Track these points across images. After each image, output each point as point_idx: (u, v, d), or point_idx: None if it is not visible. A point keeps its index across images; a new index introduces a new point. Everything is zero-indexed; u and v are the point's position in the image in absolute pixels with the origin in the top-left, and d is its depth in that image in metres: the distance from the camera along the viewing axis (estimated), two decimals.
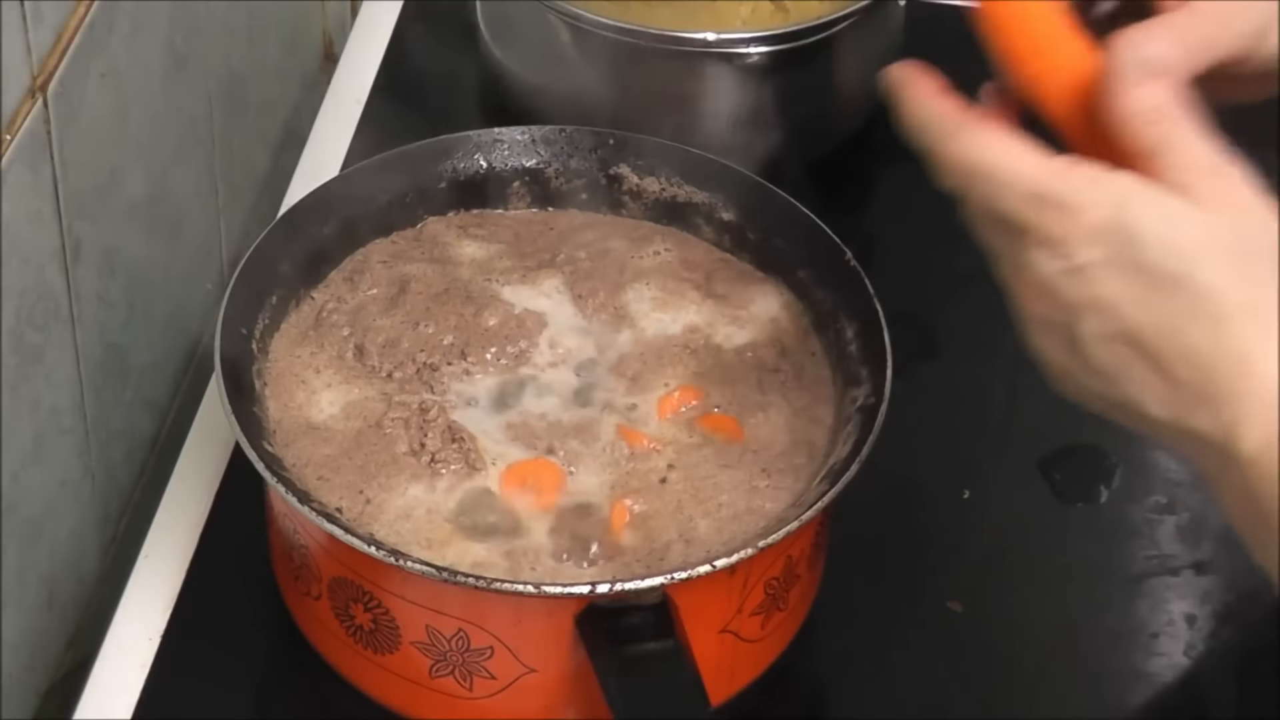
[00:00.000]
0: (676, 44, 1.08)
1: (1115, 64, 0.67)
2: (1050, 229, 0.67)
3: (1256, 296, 0.65)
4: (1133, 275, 0.66)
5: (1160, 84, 0.67)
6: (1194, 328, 0.65)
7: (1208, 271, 0.65)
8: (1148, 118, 0.67)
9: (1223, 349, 0.65)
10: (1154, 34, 0.68)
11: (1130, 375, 0.67)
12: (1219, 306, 0.65)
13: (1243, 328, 0.65)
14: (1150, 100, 0.67)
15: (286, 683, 0.89)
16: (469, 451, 0.84)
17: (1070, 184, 0.67)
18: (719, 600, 0.81)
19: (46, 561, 0.92)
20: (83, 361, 0.93)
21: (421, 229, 0.96)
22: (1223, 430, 0.65)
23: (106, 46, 0.91)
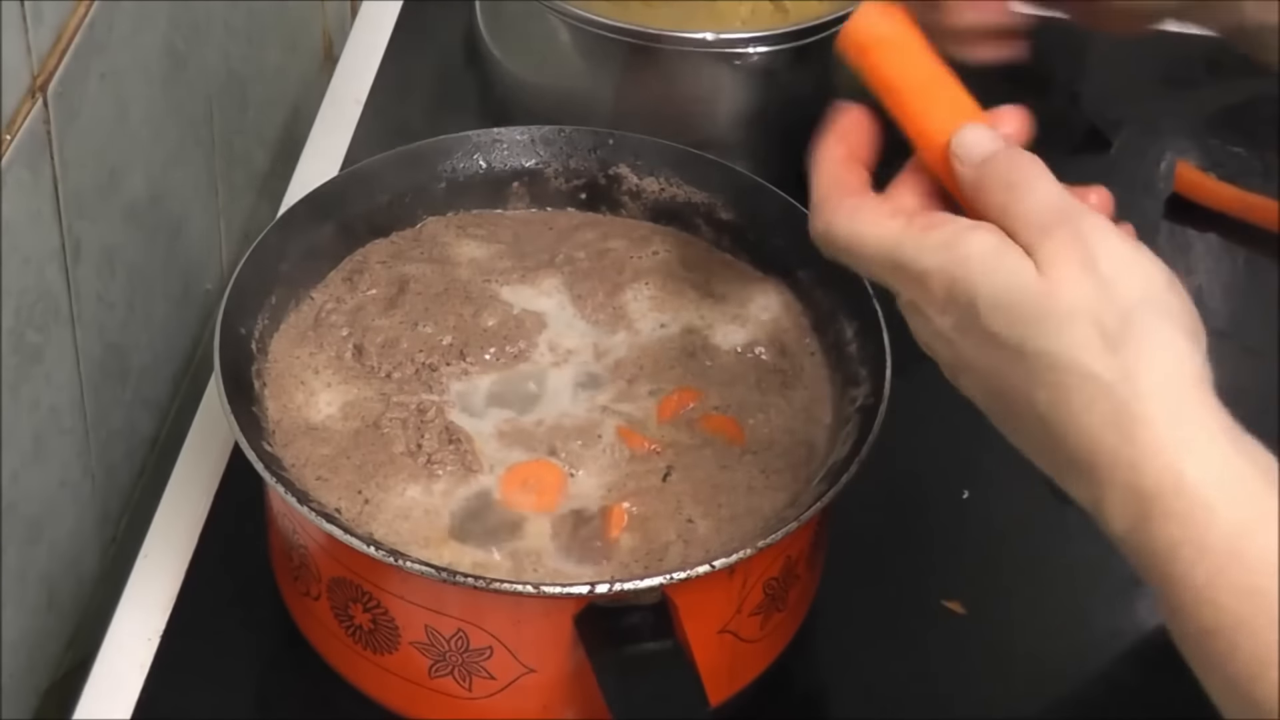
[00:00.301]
0: (676, 44, 1.08)
1: (955, 159, 0.69)
2: (910, 296, 0.68)
3: (1100, 360, 0.63)
4: (981, 342, 0.66)
5: (995, 157, 0.68)
6: (1042, 397, 0.65)
7: (1044, 338, 0.64)
8: (990, 194, 0.68)
9: (1072, 422, 0.64)
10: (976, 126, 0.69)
11: (1010, 428, 0.68)
12: (1062, 376, 0.64)
13: (1090, 399, 0.63)
14: (988, 180, 0.68)
15: (286, 683, 0.89)
16: (466, 453, 0.84)
17: (920, 252, 0.68)
18: (718, 600, 0.81)
19: (46, 561, 0.92)
20: (82, 361, 0.93)
21: (421, 229, 0.96)
22: (1092, 503, 0.65)
23: (106, 46, 0.91)
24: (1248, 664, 0.60)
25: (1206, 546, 0.61)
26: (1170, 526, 0.62)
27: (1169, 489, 0.62)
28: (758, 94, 1.10)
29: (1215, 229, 1.14)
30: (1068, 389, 0.64)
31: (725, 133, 1.11)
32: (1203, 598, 0.61)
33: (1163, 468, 0.62)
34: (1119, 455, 0.63)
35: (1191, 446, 0.62)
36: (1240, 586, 0.60)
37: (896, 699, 0.89)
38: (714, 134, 1.11)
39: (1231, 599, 0.60)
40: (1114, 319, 0.64)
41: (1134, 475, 0.62)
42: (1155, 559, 0.62)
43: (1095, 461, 0.63)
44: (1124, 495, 0.63)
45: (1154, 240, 1.12)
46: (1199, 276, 1.11)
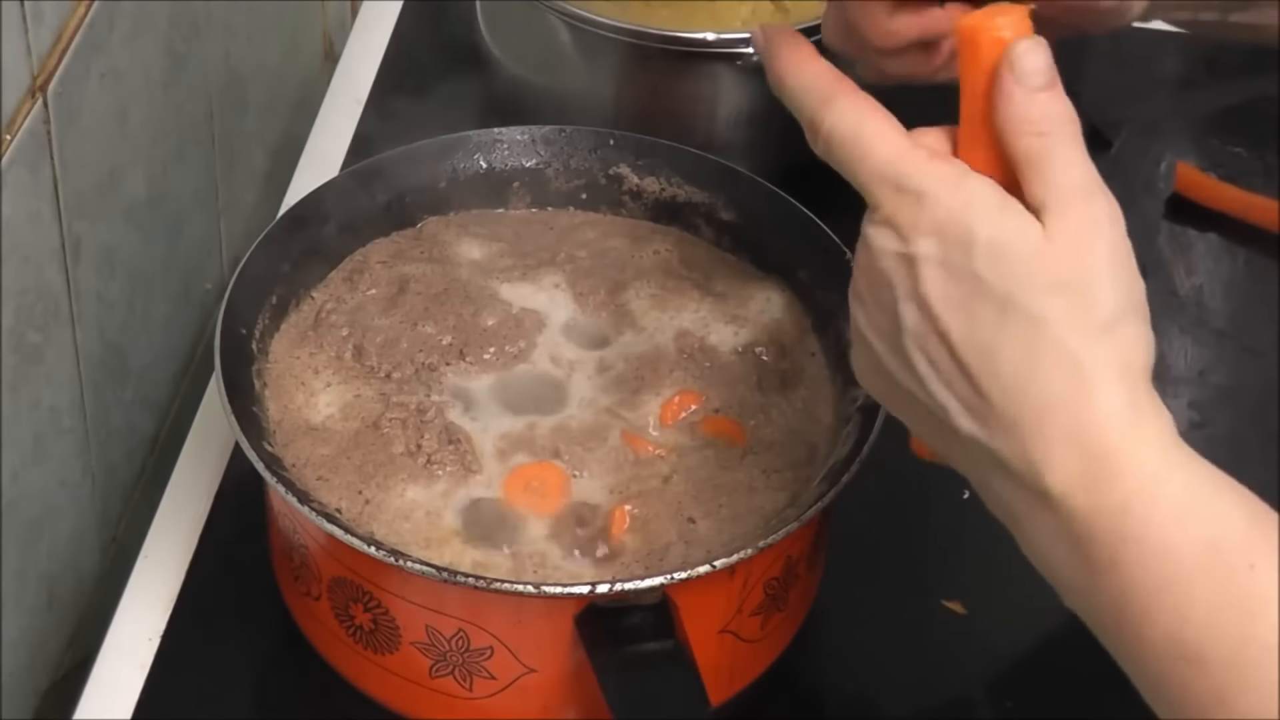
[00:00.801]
0: (676, 44, 1.08)
1: (1008, 69, 0.66)
2: (895, 212, 0.66)
3: (1078, 339, 0.64)
4: (959, 280, 0.65)
5: (1049, 96, 0.66)
6: (1008, 351, 0.64)
7: (1032, 299, 0.64)
8: (1029, 128, 0.66)
9: (1034, 383, 0.64)
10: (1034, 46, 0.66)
11: (941, 378, 0.66)
12: (1036, 338, 0.64)
13: (1055, 365, 0.64)
14: (1036, 111, 0.66)
15: (286, 683, 0.89)
16: (465, 454, 0.84)
17: (925, 174, 0.66)
18: (719, 600, 0.81)
19: (46, 561, 0.92)
20: (82, 361, 0.93)
21: (421, 229, 0.96)
22: (1028, 464, 0.64)
23: (106, 46, 0.91)
24: (1203, 614, 0.61)
25: (1159, 501, 0.62)
26: (1123, 483, 0.62)
27: (1122, 451, 0.63)
28: (758, 94, 1.10)
29: (1215, 229, 1.14)
30: (1038, 352, 0.64)
31: (725, 133, 1.11)
32: (1156, 549, 0.62)
33: (1120, 435, 0.63)
34: (1076, 419, 0.63)
35: (1144, 419, 0.64)
36: (1195, 538, 0.62)
37: (896, 699, 0.89)
38: (714, 134, 1.11)
39: (1186, 550, 0.61)
40: (1103, 305, 0.64)
41: (1087, 438, 0.63)
42: (1100, 516, 0.63)
43: (1047, 420, 0.64)
44: (1073, 458, 0.63)
45: (1154, 240, 1.13)
46: (1199, 276, 1.11)
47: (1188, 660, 0.61)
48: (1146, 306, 0.66)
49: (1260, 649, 0.60)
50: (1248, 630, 0.60)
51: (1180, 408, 1.03)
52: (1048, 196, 0.65)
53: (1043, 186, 0.65)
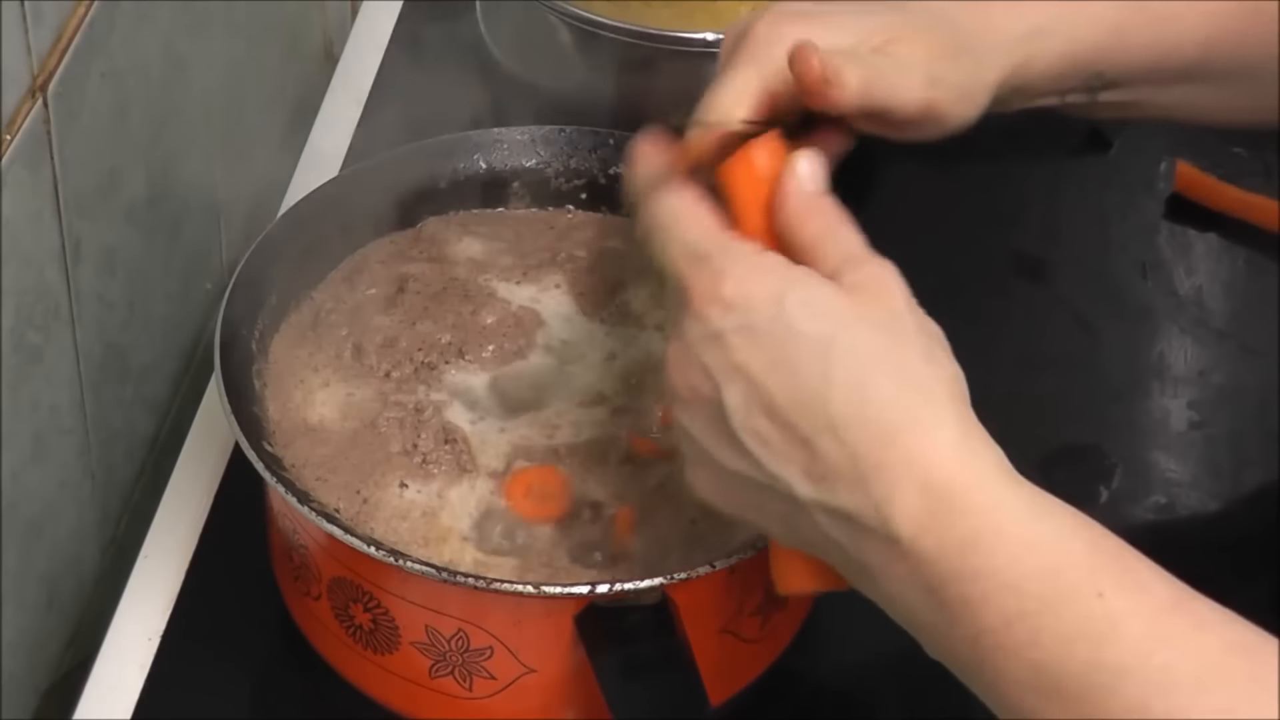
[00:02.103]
0: (676, 44, 1.08)
1: (792, 176, 0.70)
2: (698, 289, 0.68)
3: (902, 370, 0.65)
4: (774, 340, 0.66)
5: (822, 196, 0.70)
6: (837, 395, 0.65)
7: (852, 337, 0.65)
8: (813, 217, 0.69)
9: (866, 419, 0.65)
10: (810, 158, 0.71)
11: (773, 450, 0.67)
12: (863, 375, 0.65)
13: (887, 397, 0.65)
14: (816, 204, 0.70)
15: (286, 683, 0.89)
16: (462, 454, 0.84)
17: (727, 250, 0.69)
18: (719, 600, 0.81)
19: (46, 561, 0.92)
20: (83, 361, 0.93)
21: (421, 229, 0.96)
22: (873, 509, 0.64)
23: (106, 46, 0.91)
24: (1054, 643, 0.62)
25: (1003, 534, 0.63)
26: (969, 519, 0.63)
27: (962, 484, 0.64)
28: None
29: (1215, 229, 1.14)
30: (866, 388, 0.65)
31: None
32: (1004, 584, 0.63)
33: (957, 466, 0.64)
34: (912, 453, 0.64)
35: (978, 451, 0.65)
36: (1040, 569, 0.62)
37: (896, 699, 0.89)
38: None
39: (1033, 582, 0.62)
40: (919, 344, 0.66)
41: (926, 472, 0.64)
42: (946, 554, 0.63)
43: (885, 460, 0.64)
44: (916, 493, 0.64)
45: (1154, 240, 1.13)
46: (1199, 276, 1.11)
47: (1045, 692, 0.62)
48: (949, 347, 0.68)
49: (1110, 674, 0.61)
50: (1096, 656, 0.61)
51: (1180, 408, 1.03)
52: (840, 263, 0.68)
53: (835, 254, 0.68)
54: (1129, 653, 0.61)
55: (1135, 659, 0.61)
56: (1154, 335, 1.07)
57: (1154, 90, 0.84)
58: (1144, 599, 0.62)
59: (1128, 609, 0.62)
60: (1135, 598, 0.62)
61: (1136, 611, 0.62)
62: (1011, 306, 1.09)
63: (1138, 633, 0.61)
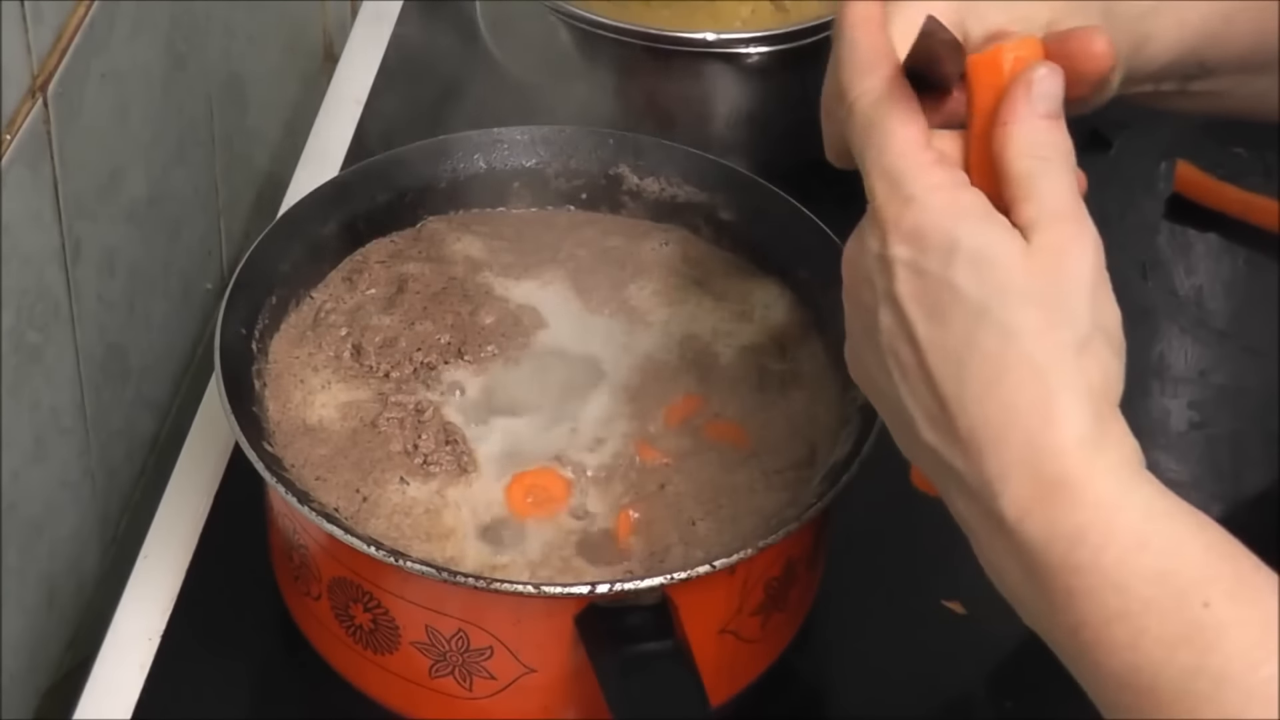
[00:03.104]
0: (676, 44, 1.08)
1: (1025, 89, 0.67)
2: (884, 209, 0.66)
3: (1048, 354, 0.64)
4: (935, 286, 0.65)
5: (1055, 124, 0.67)
6: (976, 362, 0.64)
7: (1008, 309, 0.64)
8: (1032, 150, 0.66)
9: (997, 398, 0.64)
10: (1051, 73, 0.67)
11: (908, 385, 0.66)
12: (1005, 349, 0.64)
13: (1021, 380, 0.63)
14: (1041, 135, 0.66)
15: (286, 683, 0.89)
16: (462, 454, 0.84)
17: (921, 179, 0.66)
18: (719, 600, 0.81)
19: (46, 561, 0.92)
20: (83, 361, 0.93)
21: (421, 228, 0.96)
22: (983, 483, 0.64)
23: (106, 46, 0.91)
24: (1155, 647, 0.61)
25: (1114, 531, 0.62)
26: (1078, 512, 0.62)
27: (1079, 478, 0.63)
28: (758, 94, 1.10)
29: (1215, 229, 1.14)
30: (1006, 365, 0.64)
31: (725, 133, 1.11)
32: (1109, 582, 0.62)
33: (1077, 460, 0.63)
34: (1034, 440, 0.63)
35: (1106, 447, 0.64)
36: (1148, 570, 0.61)
37: (896, 699, 0.89)
38: (714, 134, 1.11)
39: (1140, 582, 0.61)
40: (1079, 327, 0.64)
41: (1044, 461, 0.63)
42: (1054, 544, 0.62)
43: (1005, 439, 0.63)
44: (1028, 480, 0.63)
45: (1154, 240, 1.13)
46: (1199, 276, 1.11)
47: (1140, 691, 0.62)
48: (1123, 342, 0.66)
49: (1210, 682, 0.60)
50: (1198, 663, 0.60)
51: (1180, 408, 1.03)
52: (1039, 215, 0.65)
53: (1035, 205, 0.65)
54: (1232, 662, 0.60)
55: (1238, 669, 0.60)
56: (1154, 335, 1.07)
57: (1242, 81, 0.82)
58: (1254, 610, 0.61)
59: (1236, 619, 0.61)
60: (1245, 609, 0.61)
61: (1245, 622, 0.61)
62: None
63: (1244, 644, 0.60)
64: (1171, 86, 0.81)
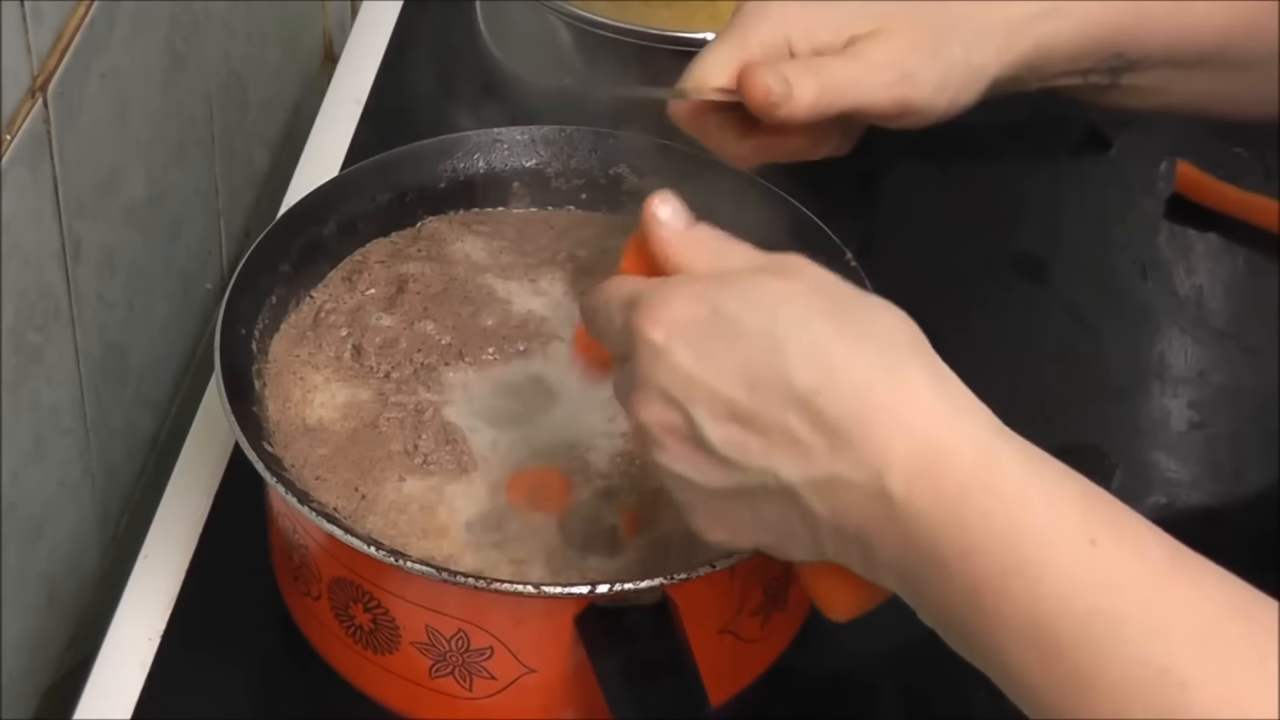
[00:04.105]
0: (676, 44, 1.08)
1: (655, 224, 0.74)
2: (636, 326, 0.68)
3: (857, 327, 0.65)
4: (715, 345, 0.66)
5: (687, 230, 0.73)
6: (795, 369, 0.65)
7: (794, 310, 0.66)
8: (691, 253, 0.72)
9: (835, 384, 0.64)
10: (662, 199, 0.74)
11: (750, 450, 0.66)
12: (816, 341, 0.65)
13: (849, 357, 0.64)
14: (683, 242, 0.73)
15: (286, 683, 0.89)
16: (462, 454, 0.84)
17: (653, 286, 0.69)
18: (719, 600, 0.81)
19: (46, 561, 0.92)
20: (83, 361, 0.93)
21: (421, 228, 0.96)
22: (864, 468, 0.64)
23: (106, 46, 0.91)
24: (1051, 595, 0.61)
25: (996, 486, 0.63)
26: (959, 472, 0.63)
27: (949, 437, 0.64)
28: None
29: (1215, 229, 1.14)
30: (824, 354, 0.65)
31: None
32: (998, 537, 0.62)
33: (940, 417, 0.64)
34: (894, 407, 0.64)
35: (959, 401, 0.65)
36: (1034, 521, 0.62)
37: (897, 699, 0.89)
38: None
39: (1029, 534, 0.62)
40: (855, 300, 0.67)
41: (912, 427, 0.64)
42: (942, 507, 0.63)
43: (866, 418, 0.64)
44: (905, 448, 0.63)
45: (1154, 240, 1.13)
46: (1199, 276, 1.11)
47: (1043, 645, 0.62)
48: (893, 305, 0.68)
49: (1110, 623, 0.60)
50: (1095, 604, 0.61)
51: (1180, 408, 1.03)
52: (749, 263, 0.70)
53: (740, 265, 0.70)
54: (1128, 602, 0.61)
55: (1134, 609, 0.60)
56: (1154, 335, 1.07)
57: (1176, 76, 0.83)
58: (1139, 552, 0.62)
59: (1124, 559, 0.62)
60: (1131, 550, 0.62)
61: (1133, 564, 0.62)
62: (1011, 307, 1.09)
63: (1136, 583, 0.61)
64: (1101, 79, 0.83)
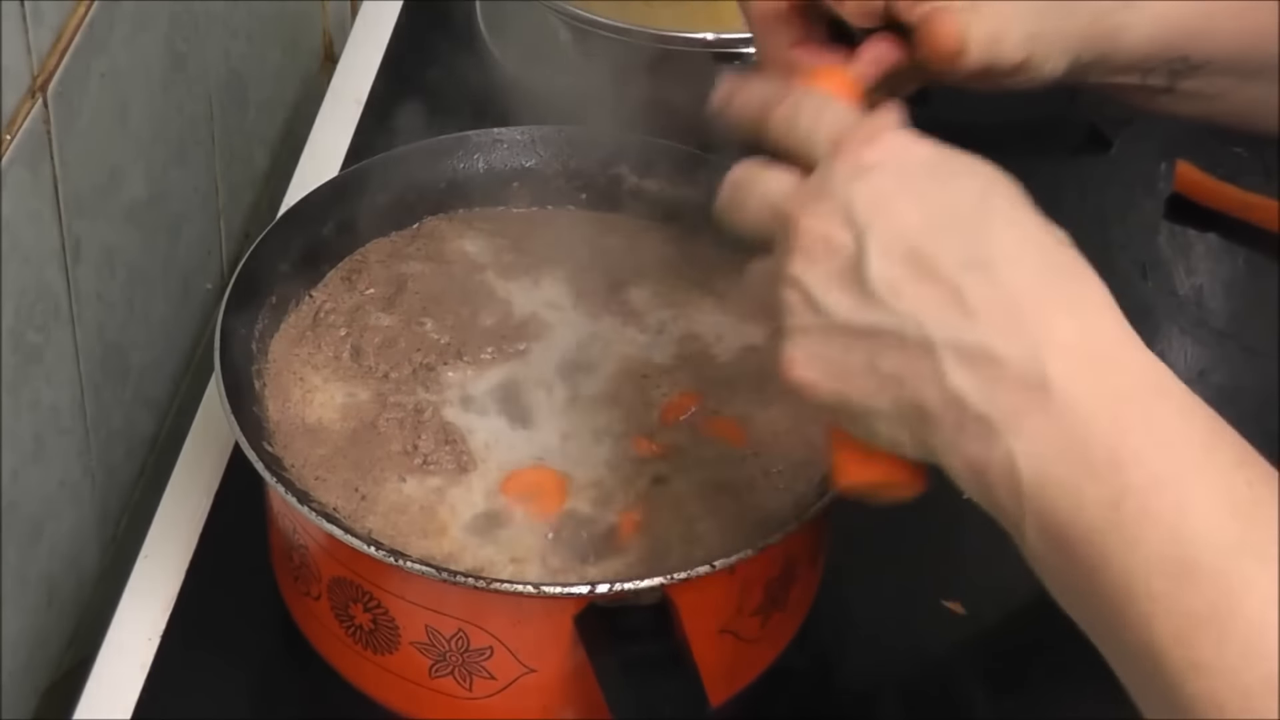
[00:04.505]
0: (676, 44, 1.08)
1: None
2: (851, 141, 0.66)
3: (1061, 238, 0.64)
4: (926, 181, 0.65)
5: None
6: (997, 231, 0.63)
7: (1012, 195, 0.64)
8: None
9: (1029, 257, 0.63)
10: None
11: (908, 294, 0.63)
12: (1023, 219, 0.64)
13: (1051, 243, 0.64)
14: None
15: (286, 683, 0.89)
16: (462, 453, 0.84)
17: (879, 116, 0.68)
18: (719, 600, 0.81)
19: (46, 561, 0.92)
20: (83, 361, 0.93)
21: (421, 228, 0.96)
22: (1026, 349, 0.61)
23: (106, 46, 0.91)
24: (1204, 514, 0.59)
25: (1165, 392, 0.61)
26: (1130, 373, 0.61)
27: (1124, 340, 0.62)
28: None
29: (1215, 229, 1.14)
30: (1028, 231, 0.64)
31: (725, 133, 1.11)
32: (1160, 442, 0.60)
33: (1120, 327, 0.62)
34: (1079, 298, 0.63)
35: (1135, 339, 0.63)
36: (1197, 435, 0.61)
37: (896, 699, 0.89)
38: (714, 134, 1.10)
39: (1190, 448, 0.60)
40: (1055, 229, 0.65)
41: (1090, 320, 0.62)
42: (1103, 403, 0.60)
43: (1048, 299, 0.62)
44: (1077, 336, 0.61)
45: (1154, 240, 1.13)
46: (1199, 276, 1.11)
47: (1182, 567, 0.58)
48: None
49: (1256, 559, 0.58)
50: (1244, 537, 0.58)
51: None
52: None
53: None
54: (1275, 548, 0.58)
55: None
56: (1154, 335, 1.07)
57: (1234, 83, 0.82)
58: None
59: (1274, 509, 0.59)
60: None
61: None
62: None
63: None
64: (1160, 82, 0.81)
